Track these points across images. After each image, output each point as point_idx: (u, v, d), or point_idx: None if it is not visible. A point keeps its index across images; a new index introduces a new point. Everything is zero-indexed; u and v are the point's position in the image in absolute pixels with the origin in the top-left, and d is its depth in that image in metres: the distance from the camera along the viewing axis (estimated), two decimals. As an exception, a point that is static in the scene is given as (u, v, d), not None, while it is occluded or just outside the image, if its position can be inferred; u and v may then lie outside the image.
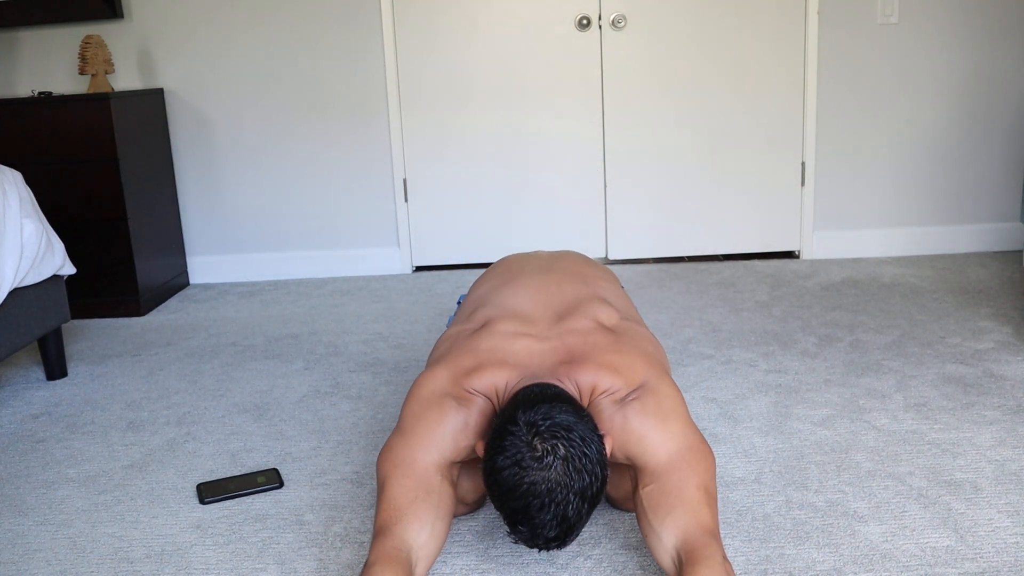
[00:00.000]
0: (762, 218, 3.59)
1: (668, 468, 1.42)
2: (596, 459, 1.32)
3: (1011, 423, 2.00)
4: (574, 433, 1.32)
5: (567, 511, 1.30)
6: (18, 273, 2.41)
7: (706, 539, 1.34)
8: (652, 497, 1.41)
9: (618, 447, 1.47)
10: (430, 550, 1.42)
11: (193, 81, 3.58)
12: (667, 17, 3.43)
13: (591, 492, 1.32)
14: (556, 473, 1.29)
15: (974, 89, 3.44)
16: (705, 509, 1.39)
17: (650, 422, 1.45)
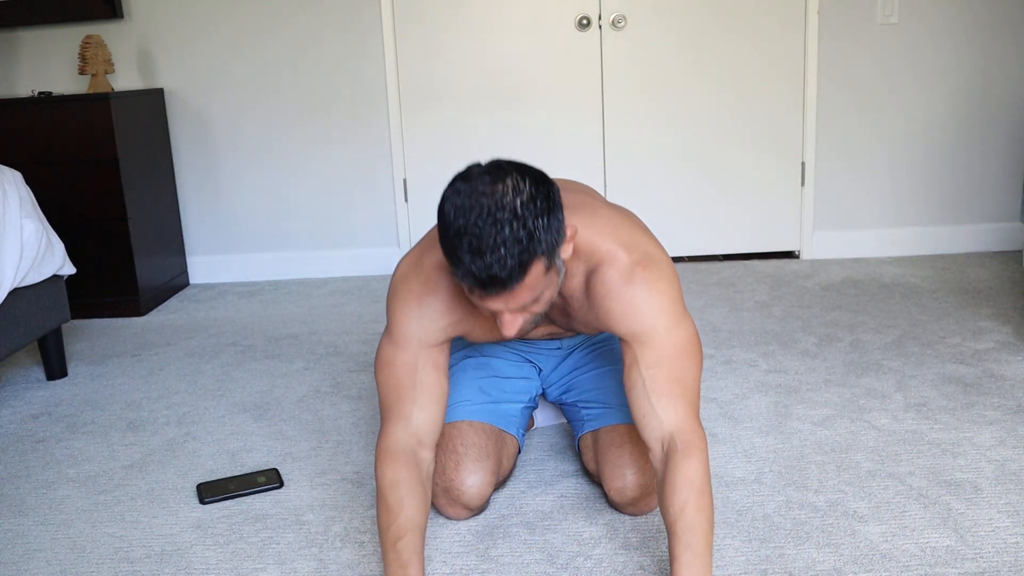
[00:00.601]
0: (762, 218, 3.59)
1: (677, 354, 1.45)
2: (542, 209, 1.26)
3: (1011, 423, 2.00)
4: (529, 183, 1.27)
5: (500, 226, 1.23)
6: (18, 273, 2.41)
7: (696, 427, 1.45)
8: (657, 381, 1.45)
9: (624, 317, 1.45)
10: (428, 429, 1.50)
11: (193, 81, 3.58)
12: (667, 17, 3.43)
13: (528, 215, 1.24)
14: (496, 196, 1.24)
15: (974, 89, 3.44)
16: (698, 399, 1.49)
17: (663, 303, 1.45)
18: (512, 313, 1.34)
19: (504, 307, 1.32)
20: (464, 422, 1.74)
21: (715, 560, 1.54)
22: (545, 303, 1.37)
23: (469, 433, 1.72)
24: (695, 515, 1.38)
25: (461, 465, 1.68)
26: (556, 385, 1.90)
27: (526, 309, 1.35)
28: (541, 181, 1.29)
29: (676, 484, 1.40)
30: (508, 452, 1.77)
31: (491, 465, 1.70)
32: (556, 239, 1.29)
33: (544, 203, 1.27)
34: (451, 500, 1.69)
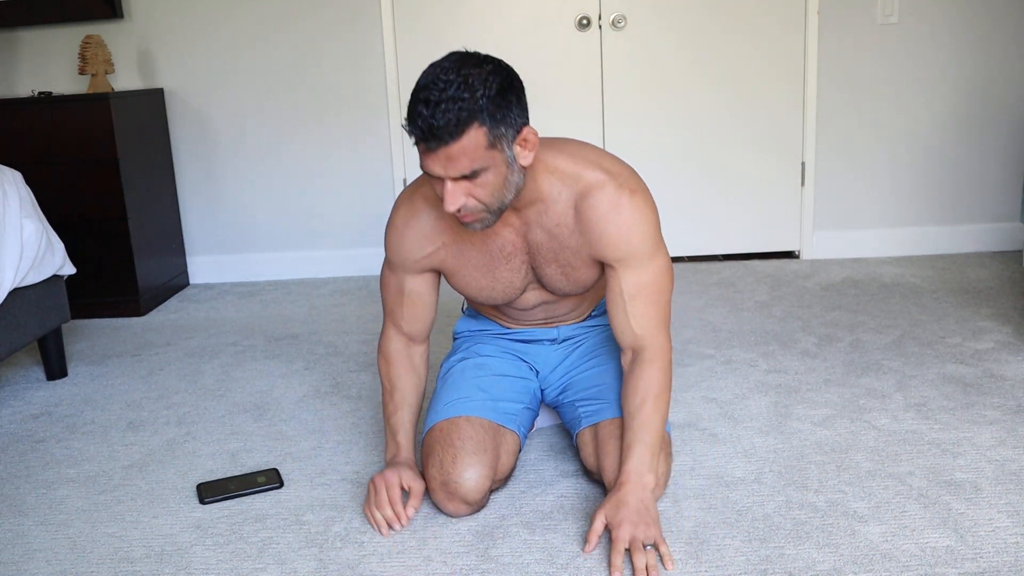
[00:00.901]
0: (762, 218, 3.59)
1: (657, 278, 1.63)
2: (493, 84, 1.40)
3: (1011, 423, 2.00)
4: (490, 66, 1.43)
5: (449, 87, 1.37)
6: (18, 273, 2.41)
7: (665, 342, 1.65)
8: (636, 300, 1.63)
9: (613, 241, 1.60)
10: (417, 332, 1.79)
11: (193, 81, 3.58)
12: (667, 17, 3.43)
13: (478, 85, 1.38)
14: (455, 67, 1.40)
15: (974, 89, 3.44)
16: (669, 316, 1.67)
17: (648, 229, 1.61)
18: (454, 183, 1.42)
19: (443, 171, 1.41)
20: (462, 418, 1.74)
21: (715, 560, 1.54)
22: (492, 191, 1.45)
23: (466, 428, 1.72)
24: (651, 413, 1.60)
25: (458, 459, 1.67)
26: (553, 387, 1.91)
27: (470, 189, 1.43)
28: (504, 69, 1.44)
29: (638, 386, 1.62)
30: (507, 448, 1.76)
31: (488, 459, 1.69)
32: (502, 116, 1.40)
33: (498, 82, 1.40)
34: (449, 494, 1.68)
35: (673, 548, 1.58)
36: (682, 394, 2.26)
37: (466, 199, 1.45)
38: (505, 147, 1.43)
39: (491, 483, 1.71)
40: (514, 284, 1.73)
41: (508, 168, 1.45)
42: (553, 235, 1.63)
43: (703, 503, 1.73)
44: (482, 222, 1.52)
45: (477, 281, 1.72)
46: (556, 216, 1.61)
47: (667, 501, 1.74)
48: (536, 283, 1.75)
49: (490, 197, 1.46)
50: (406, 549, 1.63)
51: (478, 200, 1.46)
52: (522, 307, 1.83)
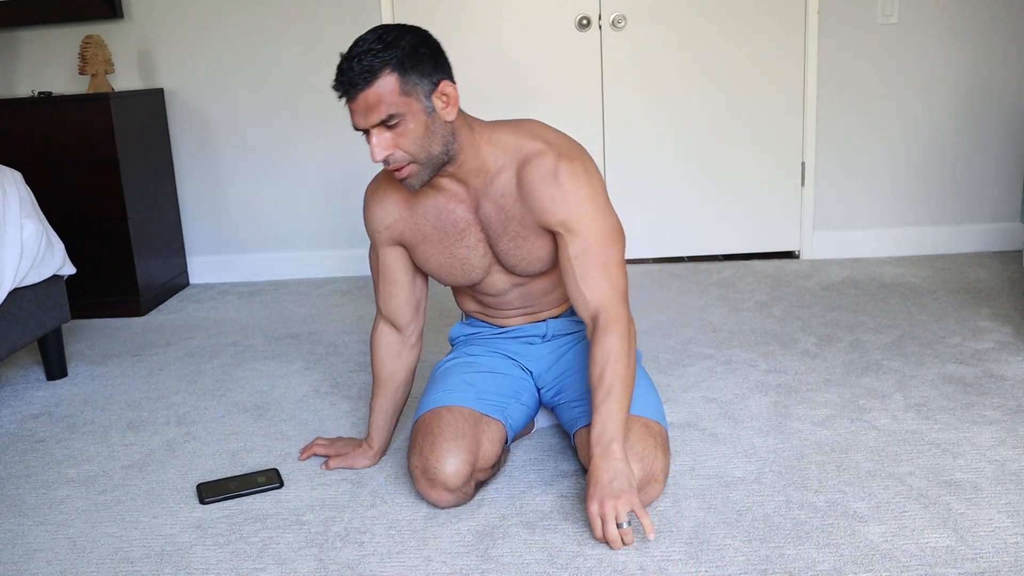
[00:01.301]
0: (762, 218, 3.59)
1: (602, 240, 1.64)
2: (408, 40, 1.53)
3: (1011, 423, 2.00)
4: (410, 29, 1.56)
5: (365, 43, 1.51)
6: (18, 273, 2.41)
7: (619, 307, 1.64)
8: (584, 265, 1.64)
9: (553, 206, 1.63)
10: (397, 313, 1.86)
11: (193, 81, 3.58)
12: (667, 17, 3.43)
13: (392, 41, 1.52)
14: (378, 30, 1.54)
15: (974, 89, 3.44)
16: (623, 281, 1.66)
17: (588, 192, 1.64)
18: (378, 134, 1.52)
19: (364, 121, 1.51)
20: (443, 407, 1.75)
21: (715, 560, 1.54)
22: (414, 140, 1.53)
23: (446, 417, 1.73)
24: (612, 378, 1.59)
25: (436, 445, 1.68)
26: (549, 387, 1.91)
27: (394, 140, 1.52)
28: (422, 33, 1.56)
29: (596, 356, 1.62)
30: (491, 435, 1.75)
31: (467, 444, 1.69)
32: (413, 65, 1.50)
33: (411, 39, 1.53)
34: (430, 481, 1.68)
35: (673, 548, 1.58)
36: (682, 394, 2.27)
37: (392, 150, 1.54)
38: (421, 96, 1.53)
39: (472, 469, 1.70)
40: (472, 262, 1.75)
41: (428, 118, 1.55)
42: (500, 206, 1.68)
43: (703, 503, 1.73)
44: (416, 177, 1.59)
45: (436, 258, 1.77)
46: (500, 187, 1.66)
47: (667, 501, 1.74)
48: (496, 263, 1.77)
49: (414, 146, 1.55)
50: (406, 549, 1.63)
51: (404, 151, 1.55)
52: (494, 292, 1.84)
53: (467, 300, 1.96)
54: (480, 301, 1.92)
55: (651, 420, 1.72)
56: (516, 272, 1.77)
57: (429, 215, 1.73)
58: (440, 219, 1.73)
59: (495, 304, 1.90)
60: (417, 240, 1.76)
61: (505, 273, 1.80)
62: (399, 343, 1.90)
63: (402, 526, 1.71)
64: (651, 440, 1.67)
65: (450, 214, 1.72)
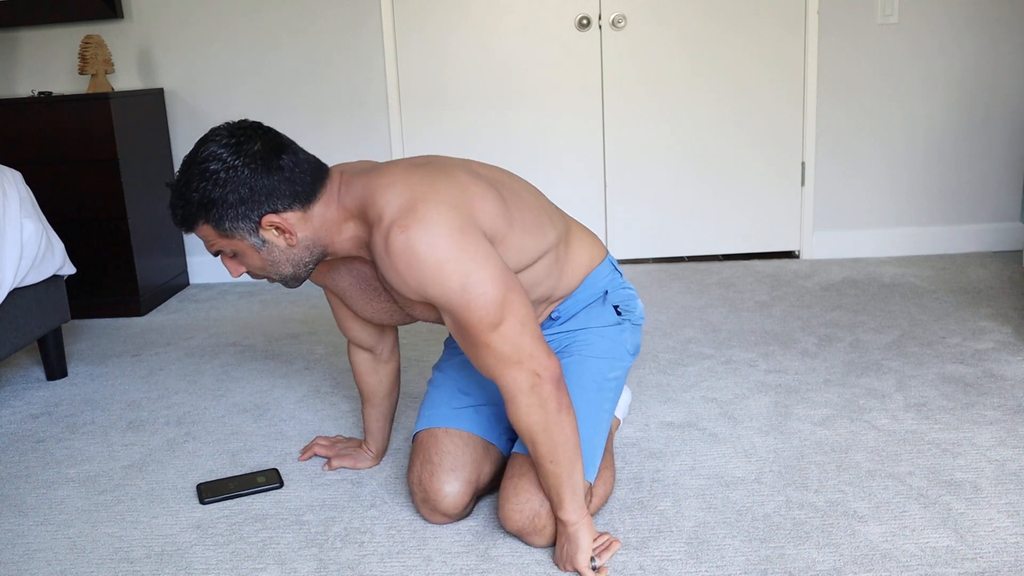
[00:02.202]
0: (762, 218, 3.59)
1: (464, 316, 1.42)
2: (222, 180, 1.42)
3: (1011, 423, 2.00)
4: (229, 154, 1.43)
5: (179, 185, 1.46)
6: (18, 273, 2.41)
7: (513, 373, 1.43)
8: (462, 340, 1.47)
9: (401, 287, 1.44)
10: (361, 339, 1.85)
11: (193, 81, 3.58)
12: (667, 17, 3.43)
13: (196, 189, 1.43)
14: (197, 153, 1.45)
15: (974, 89, 3.44)
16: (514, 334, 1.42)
17: (425, 270, 1.40)
18: (224, 259, 1.52)
19: (208, 248, 1.51)
20: (440, 429, 1.72)
21: (715, 560, 1.54)
22: (260, 267, 1.50)
23: (444, 441, 1.69)
24: (535, 449, 1.47)
25: (436, 475, 1.66)
26: None
27: (241, 263, 1.51)
28: (236, 165, 1.42)
29: (516, 429, 1.49)
30: (490, 458, 1.73)
31: (467, 473, 1.67)
32: (221, 215, 1.43)
33: (224, 185, 1.42)
34: (431, 509, 1.68)
35: (673, 548, 1.58)
36: (682, 394, 2.27)
37: (243, 270, 1.53)
38: (245, 235, 1.46)
39: (472, 496, 1.69)
40: (394, 317, 1.69)
41: (262, 251, 1.48)
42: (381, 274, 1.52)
43: (703, 503, 1.73)
44: (285, 283, 1.57)
45: (362, 309, 1.71)
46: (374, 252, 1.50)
47: (667, 501, 1.74)
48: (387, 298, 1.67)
49: (263, 271, 1.53)
50: (406, 549, 1.63)
51: (254, 274, 1.54)
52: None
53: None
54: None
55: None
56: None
57: (343, 273, 1.68)
58: (354, 276, 1.67)
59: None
60: (340, 290, 1.72)
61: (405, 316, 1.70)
62: (372, 360, 1.90)
63: (402, 526, 1.71)
64: (541, 492, 1.57)
65: (362, 274, 1.66)
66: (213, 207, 1.43)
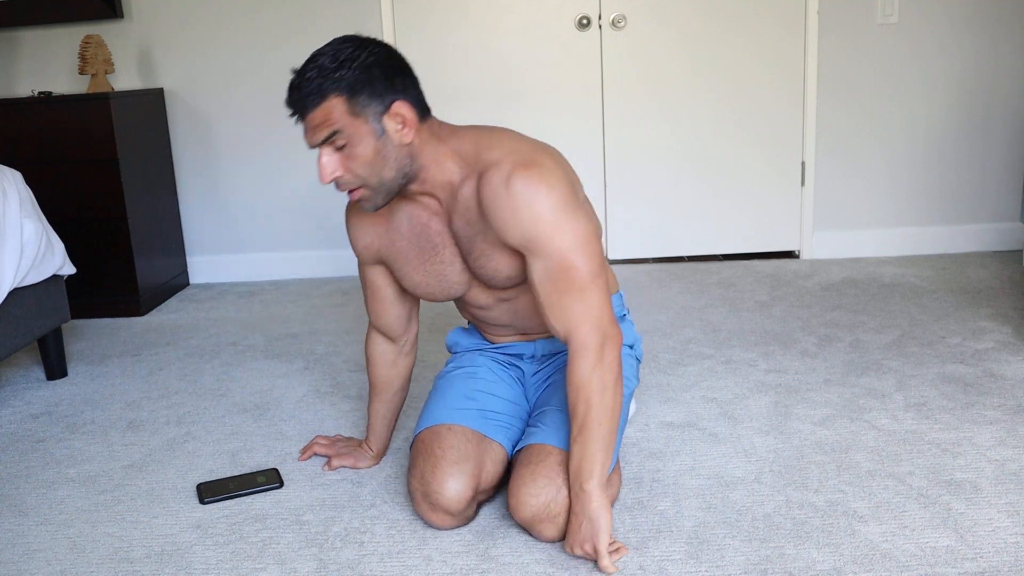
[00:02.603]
0: (762, 218, 3.59)
1: (563, 261, 1.50)
2: (362, 61, 1.46)
3: (1011, 423, 2.00)
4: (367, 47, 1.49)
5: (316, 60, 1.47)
6: (18, 273, 2.41)
7: (590, 330, 1.51)
8: (548, 291, 1.52)
9: (508, 225, 1.50)
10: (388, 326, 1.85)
11: (193, 81, 3.58)
12: (667, 17, 3.43)
13: (344, 59, 1.46)
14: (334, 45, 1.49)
15: (974, 89, 3.44)
16: (597, 297, 1.52)
17: (543, 207, 1.48)
18: (327, 156, 1.49)
19: (312, 140, 1.48)
20: (443, 425, 1.70)
21: (715, 560, 1.54)
22: (364, 164, 1.49)
23: (448, 437, 1.67)
24: (585, 412, 1.50)
25: (438, 468, 1.63)
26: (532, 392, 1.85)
27: (344, 162, 1.49)
28: (380, 49, 1.49)
29: (569, 387, 1.53)
30: (493, 456, 1.70)
31: (471, 468, 1.64)
32: (363, 87, 1.45)
33: (366, 57, 1.46)
34: (431, 505, 1.64)
35: (673, 548, 1.58)
36: (682, 394, 2.27)
37: (340, 172, 1.51)
38: (371, 118, 1.48)
39: (475, 493, 1.65)
40: (449, 277, 1.69)
41: (379, 142, 1.49)
42: (466, 221, 1.59)
43: (703, 503, 1.73)
44: (369, 201, 1.55)
45: (412, 277, 1.71)
46: (464, 200, 1.58)
47: (667, 501, 1.74)
48: (474, 278, 1.70)
49: (363, 170, 1.50)
50: (406, 549, 1.63)
51: (353, 174, 1.51)
52: (480, 305, 1.77)
53: (463, 311, 1.91)
54: (473, 314, 1.85)
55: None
56: (493, 286, 1.68)
57: (404, 231, 1.68)
58: (415, 234, 1.67)
59: (485, 319, 1.83)
60: (393, 257, 1.72)
61: (484, 288, 1.71)
62: (393, 352, 1.90)
63: (402, 526, 1.71)
64: (557, 479, 1.56)
65: (425, 228, 1.66)
66: (363, 75, 1.45)
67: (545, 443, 1.62)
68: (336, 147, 1.48)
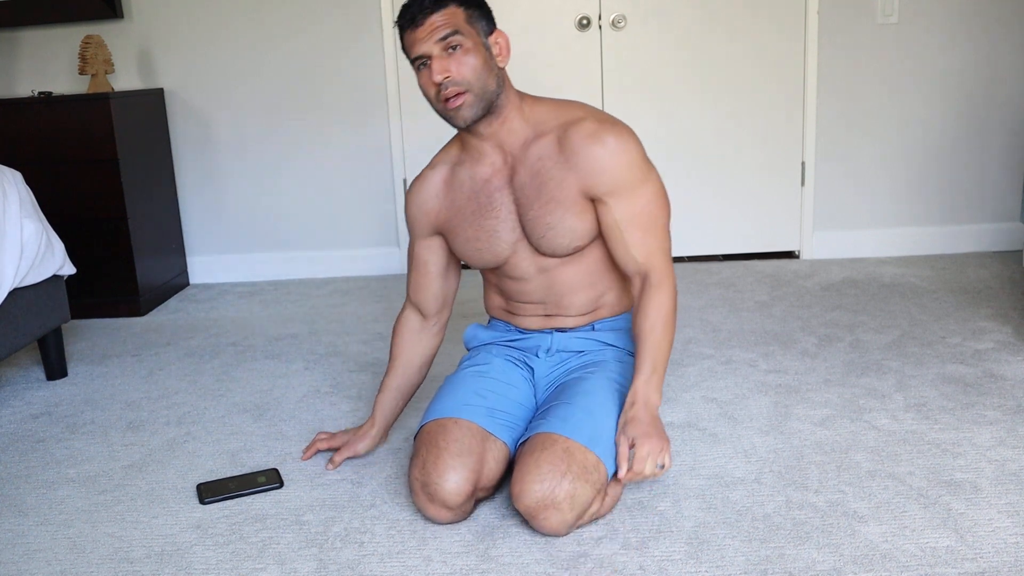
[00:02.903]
0: (762, 218, 3.59)
1: (647, 205, 1.71)
2: None
3: (1011, 423, 2.00)
4: None
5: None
6: (18, 273, 2.41)
7: (667, 267, 1.73)
8: (631, 230, 1.71)
9: (597, 171, 1.68)
10: (426, 303, 1.92)
11: (193, 81, 3.58)
12: (667, 17, 3.43)
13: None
14: None
15: (974, 89, 3.44)
16: (668, 242, 1.75)
17: (632, 157, 1.69)
18: (440, 59, 1.62)
19: (428, 38, 1.61)
20: (450, 419, 1.71)
21: (715, 560, 1.54)
22: (473, 70, 1.62)
23: (453, 430, 1.68)
24: (661, 335, 1.69)
25: (440, 460, 1.64)
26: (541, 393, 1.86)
27: (454, 65, 1.61)
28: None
29: (648, 310, 1.70)
30: (495, 455, 1.70)
31: (472, 462, 1.65)
32: (478, 6, 1.65)
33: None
34: (429, 496, 1.64)
35: (673, 548, 1.58)
36: (682, 394, 2.27)
37: (450, 73, 1.62)
38: (481, 33, 1.66)
39: (474, 488, 1.66)
40: (500, 235, 1.78)
41: (486, 55, 1.66)
42: (536, 171, 1.71)
43: (703, 503, 1.73)
44: (468, 107, 1.65)
45: (466, 231, 1.80)
46: (539, 150, 1.72)
47: (667, 501, 1.74)
48: (524, 239, 1.78)
49: (471, 74, 1.63)
50: (406, 549, 1.63)
51: (462, 77, 1.63)
52: (518, 275, 1.82)
53: (493, 293, 1.95)
54: (505, 292, 1.89)
55: (577, 444, 1.60)
56: (542, 248, 1.76)
57: (465, 187, 1.79)
58: (475, 190, 1.78)
59: (517, 294, 1.86)
60: (451, 216, 1.81)
61: (531, 252, 1.79)
62: (421, 328, 1.95)
63: (402, 526, 1.71)
64: (562, 465, 1.57)
65: (485, 184, 1.77)
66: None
67: (551, 432, 1.63)
68: (450, 48, 1.62)
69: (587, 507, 1.60)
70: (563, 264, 1.80)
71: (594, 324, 1.87)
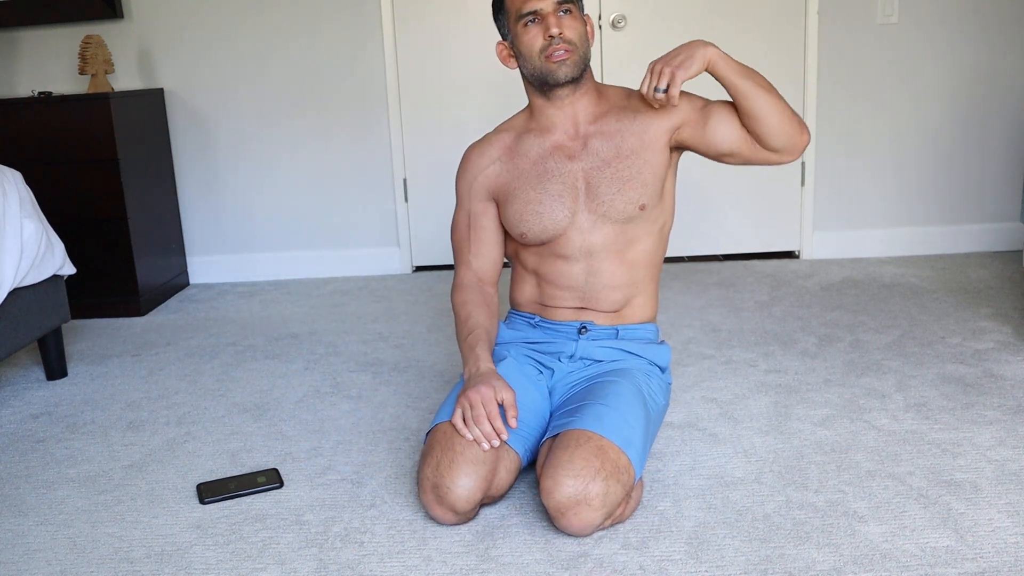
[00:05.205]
0: (762, 218, 3.59)
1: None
2: None
3: (1011, 423, 2.00)
4: None
5: None
6: (18, 273, 2.41)
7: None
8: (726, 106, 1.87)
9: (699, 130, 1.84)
10: (485, 269, 1.93)
11: (193, 81, 3.58)
12: (667, 17, 3.43)
13: None
14: None
15: (974, 89, 3.44)
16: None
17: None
18: (552, 14, 1.75)
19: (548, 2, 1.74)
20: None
21: (715, 560, 1.54)
22: (579, 34, 1.77)
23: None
24: (767, 82, 1.82)
25: (455, 464, 1.63)
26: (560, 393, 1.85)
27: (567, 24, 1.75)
28: None
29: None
30: (507, 464, 1.69)
31: (485, 472, 1.64)
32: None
33: None
34: (438, 498, 1.64)
35: (673, 548, 1.58)
36: (682, 394, 2.27)
37: (564, 30, 1.75)
38: (582, 10, 1.82)
39: (483, 496, 1.65)
40: (563, 199, 1.81)
41: (586, 27, 1.81)
42: (611, 133, 1.82)
43: (703, 503, 1.73)
44: (571, 62, 1.77)
45: (528, 194, 1.83)
46: (614, 117, 1.83)
47: (667, 501, 1.74)
48: (584, 210, 1.81)
49: (578, 38, 1.78)
50: (406, 549, 1.63)
51: (568, 38, 1.76)
52: (564, 254, 1.83)
53: (526, 284, 1.93)
54: (542, 277, 1.88)
55: (611, 444, 1.60)
56: (607, 209, 1.80)
57: (531, 153, 1.85)
58: (542, 156, 1.84)
59: (557, 278, 1.85)
60: (512, 179, 1.85)
61: (588, 226, 1.82)
62: (489, 294, 1.93)
63: (402, 526, 1.71)
64: (596, 462, 1.56)
65: (554, 151, 1.84)
66: None
67: (586, 428, 1.62)
68: (563, 11, 1.76)
69: (615, 508, 1.60)
70: (607, 254, 1.83)
71: (619, 330, 1.88)
